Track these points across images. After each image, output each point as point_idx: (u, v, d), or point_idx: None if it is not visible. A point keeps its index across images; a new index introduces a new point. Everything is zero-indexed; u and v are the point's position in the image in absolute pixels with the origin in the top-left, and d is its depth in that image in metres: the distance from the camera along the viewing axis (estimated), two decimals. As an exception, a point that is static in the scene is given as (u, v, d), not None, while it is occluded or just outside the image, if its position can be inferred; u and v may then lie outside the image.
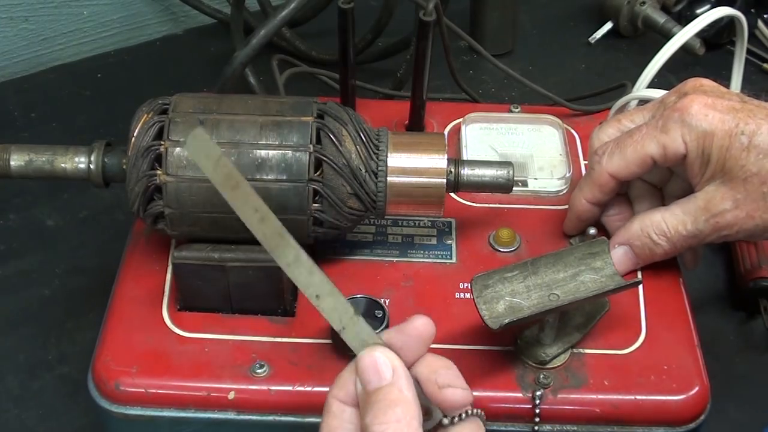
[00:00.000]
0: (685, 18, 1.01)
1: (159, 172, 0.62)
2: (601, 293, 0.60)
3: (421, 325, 0.53)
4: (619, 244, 0.66)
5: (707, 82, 0.66)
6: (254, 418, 0.61)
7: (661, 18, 1.02)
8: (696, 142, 0.63)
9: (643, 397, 0.61)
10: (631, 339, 0.64)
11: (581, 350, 0.63)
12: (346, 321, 0.52)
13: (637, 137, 0.65)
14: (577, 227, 0.69)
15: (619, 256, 0.66)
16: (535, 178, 0.74)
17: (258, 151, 0.62)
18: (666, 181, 0.69)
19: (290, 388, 0.61)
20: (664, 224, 0.65)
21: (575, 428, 0.61)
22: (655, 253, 0.66)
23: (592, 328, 0.63)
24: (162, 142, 0.62)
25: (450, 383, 0.52)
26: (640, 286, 0.66)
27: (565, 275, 0.62)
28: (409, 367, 0.52)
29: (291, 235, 0.52)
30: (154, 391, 0.61)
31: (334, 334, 0.62)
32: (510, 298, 0.60)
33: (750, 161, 0.62)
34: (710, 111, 0.63)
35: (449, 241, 0.70)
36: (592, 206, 0.68)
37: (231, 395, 0.61)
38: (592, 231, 0.65)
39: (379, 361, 0.51)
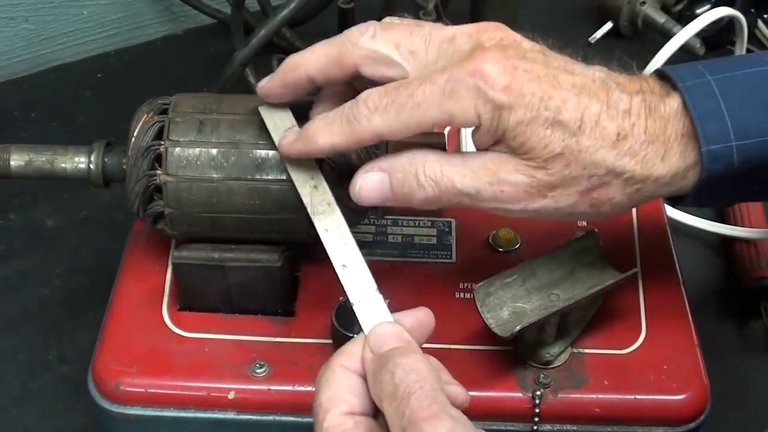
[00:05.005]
0: (685, 18, 1.01)
1: (159, 172, 0.62)
2: (599, 289, 0.60)
3: (426, 314, 0.53)
4: (378, 168, 0.56)
5: (506, 34, 0.57)
6: (254, 418, 0.61)
7: (661, 18, 1.02)
8: (491, 114, 0.53)
9: (643, 397, 0.61)
10: (631, 339, 0.64)
11: (581, 350, 0.63)
12: (363, 295, 0.54)
13: (418, 98, 0.54)
14: (300, 155, 0.58)
15: (371, 181, 0.56)
16: (535, 178, 0.73)
17: (258, 151, 0.62)
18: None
19: (290, 388, 0.61)
20: (439, 169, 0.55)
21: (575, 428, 0.61)
22: (413, 195, 0.55)
23: (589, 325, 0.63)
24: (162, 142, 0.62)
25: (453, 382, 0.52)
26: (640, 286, 0.66)
27: (561, 274, 0.62)
28: None
29: (338, 206, 0.57)
30: (154, 391, 0.61)
31: (334, 334, 0.62)
32: (513, 303, 0.60)
33: (554, 140, 0.53)
34: (510, 79, 0.53)
35: (449, 241, 0.70)
36: (333, 152, 0.57)
37: (231, 395, 0.61)
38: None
39: (396, 330, 0.51)
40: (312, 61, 0.57)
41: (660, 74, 0.59)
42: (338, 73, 0.57)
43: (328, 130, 0.56)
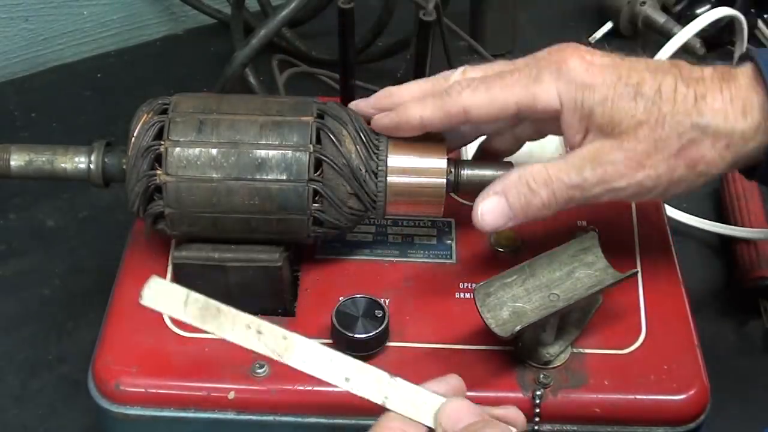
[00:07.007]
0: (685, 18, 1.01)
1: (159, 172, 0.62)
2: (599, 288, 0.60)
3: (457, 380, 0.54)
4: (493, 193, 0.61)
5: (579, 46, 0.62)
6: (254, 418, 0.61)
7: (661, 18, 1.02)
8: (574, 95, 0.59)
9: (643, 397, 0.61)
10: (631, 339, 0.64)
11: (581, 350, 0.63)
12: (386, 390, 0.52)
13: (508, 80, 0.60)
14: (389, 127, 0.63)
15: (491, 206, 0.61)
16: (535, 178, 0.73)
17: (258, 151, 0.62)
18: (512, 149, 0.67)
19: (290, 388, 0.61)
20: (546, 172, 0.60)
21: (575, 428, 0.61)
22: (531, 204, 0.60)
23: (589, 325, 0.63)
24: (162, 142, 0.62)
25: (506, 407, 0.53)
26: (640, 286, 0.66)
27: (560, 274, 0.62)
28: None
29: (293, 333, 0.53)
30: (154, 391, 0.61)
31: (334, 334, 0.62)
32: (512, 303, 0.60)
33: (639, 110, 0.58)
34: (590, 66, 0.59)
35: (449, 241, 0.70)
36: (421, 126, 0.62)
37: (231, 395, 0.61)
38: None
39: (466, 404, 0.52)
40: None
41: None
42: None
43: (420, 104, 0.62)
